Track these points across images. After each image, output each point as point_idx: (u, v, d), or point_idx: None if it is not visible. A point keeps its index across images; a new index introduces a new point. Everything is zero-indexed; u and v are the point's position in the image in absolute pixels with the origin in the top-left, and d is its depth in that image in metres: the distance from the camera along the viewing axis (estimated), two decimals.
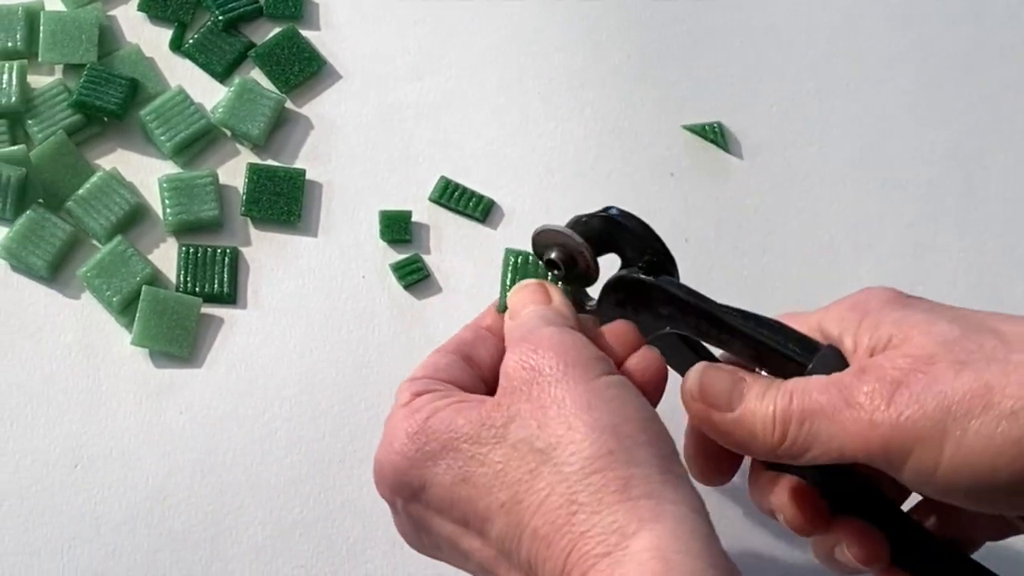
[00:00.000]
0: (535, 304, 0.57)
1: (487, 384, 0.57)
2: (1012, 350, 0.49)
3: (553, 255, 0.59)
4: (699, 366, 0.56)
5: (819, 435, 0.51)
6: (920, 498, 0.59)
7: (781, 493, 0.58)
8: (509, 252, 0.62)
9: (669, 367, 0.57)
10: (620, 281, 0.58)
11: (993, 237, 0.77)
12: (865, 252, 0.75)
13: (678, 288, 0.57)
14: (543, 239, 0.59)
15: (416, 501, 0.53)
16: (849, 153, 0.78)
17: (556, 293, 0.58)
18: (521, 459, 0.50)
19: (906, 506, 0.58)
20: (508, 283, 0.61)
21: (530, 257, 0.61)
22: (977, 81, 0.80)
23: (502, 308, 0.59)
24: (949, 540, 0.58)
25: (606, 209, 0.58)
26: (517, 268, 0.62)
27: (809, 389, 0.52)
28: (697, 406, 0.55)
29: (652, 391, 0.56)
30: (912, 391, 0.49)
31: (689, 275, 0.72)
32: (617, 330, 0.57)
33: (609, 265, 0.59)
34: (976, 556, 0.57)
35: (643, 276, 0.57)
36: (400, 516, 0.55)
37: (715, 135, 0.76)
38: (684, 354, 0.58)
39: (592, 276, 0.59)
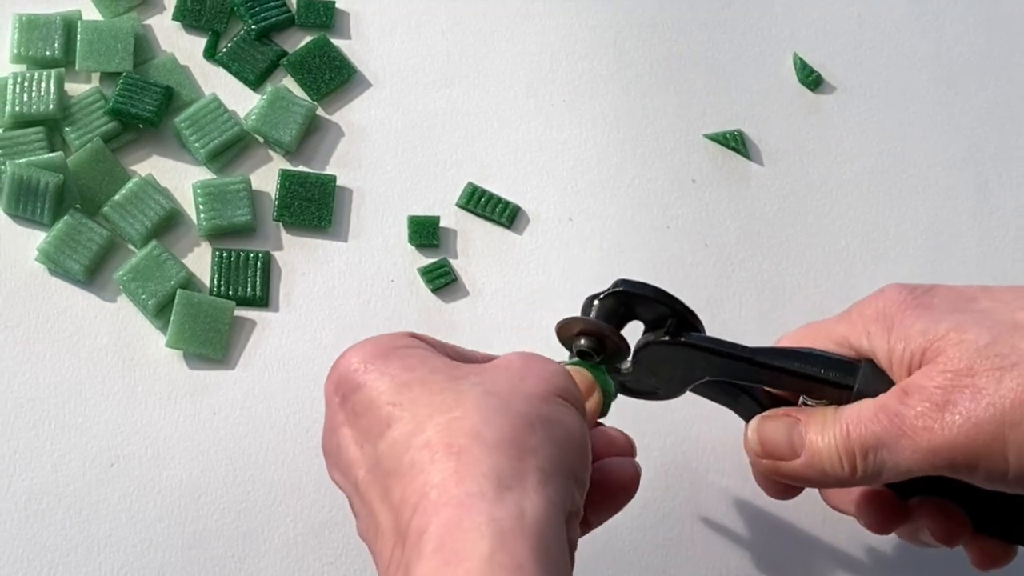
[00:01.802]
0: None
1: None
2: None
3: (583, 344, 0.57)
4: (753, 422, 0.56)
5: (885, 462, 0.51)
6: None
7: (849, 500, 0.58)
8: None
9: (718, 404, 0.58)
10: (647, 346, 0.57)
11: (1008, 243, 0.76)
12: (882, 258, 0.75)
13: (707, 341, 0.56)
14: (567, 331, 0.57)
15: (343, 407, 0.51)
16: (866, 160, 0.77)
17: (595, 398, 0.56)
18: (460, 393, 0.48)
19: None
20: None
21: None
22: (992, 89, 0.80)
23: None
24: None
25: (616, 285, 0.57)
26: None
27: (862, 419, 0.52)
28: (764, 463, 0.55)
29: (620, 494, 0.54)
30: (961, 409, 0.49)
31: (710, 278, 0.72)
32: (614, 434, 0.56)
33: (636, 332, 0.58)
34: None
35: (668, 339, 0.56)
36: (328, 423, 0.53)
37: (736, 143, 0.76)
38: (729, 390, 0.58)
39: (624, 353, 0.58)
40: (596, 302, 0.57)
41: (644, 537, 0.67)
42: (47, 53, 0.72)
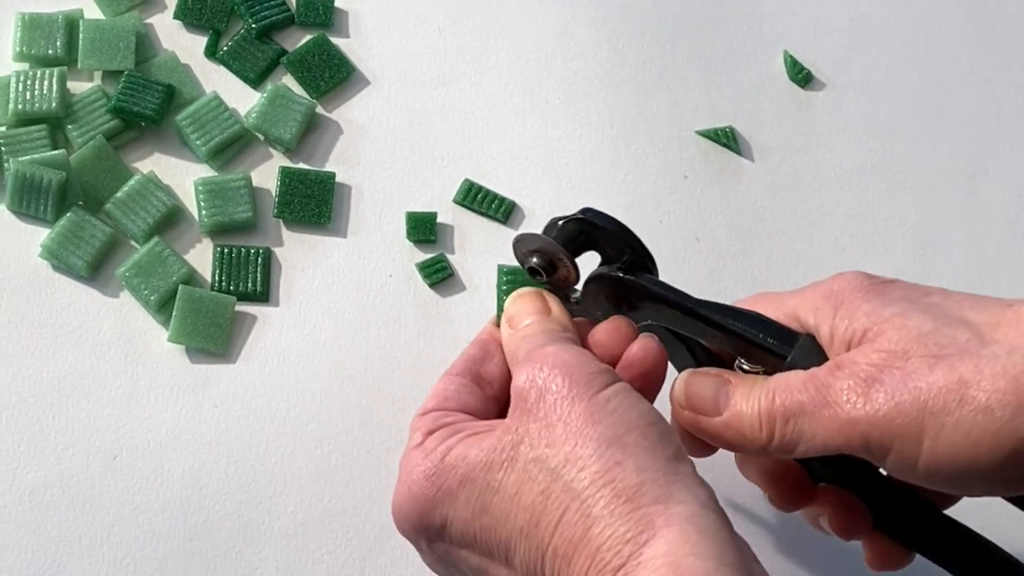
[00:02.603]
0: (535, 315, 0.56)
1: (498, 402, 0.56)
2: (984, 343, 0.48)
3: (534, 261, 0.57)
4: (684, 374, 0.56)
5: (803, 432, 0.51)
6: None
7: (762, 470, 0.58)
8: (501, 269, 0.60)
9: None
10: (599, 278, 0.57)
11: (994, 237, 0.77)
12: (870, 251, 0.75)
13: (656, 285, 0.56)
14: (522, 246, 0.58)
15: (440, 539, 0.52)
16: (855, 156, 0.77)
17: (554, 303, 0.57)
18: (533, 480, 0.49)
19: None
20: (502, 297, 0.60)
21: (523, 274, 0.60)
22: (979, 85, 0.80)
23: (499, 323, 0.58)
24: (927, 500, 0.57)
25: (581, 211, 0.57)
26: (510, 283, 0.61)
27: (790, 387, 0.51)
28: (686, 414, 0.55)
29: (654, 379, 0.55)
30: (887, 388, 0.49)
31: (701, 272, 0.73)
32: (611, 327, 0.56)
33: (591, 262, 0.58)
34: (952, 512, 0.57)
35: (620, 274, 0.56)
36: (427, 555, 0.55)
37: (728, 139, 0.76)
38: (668, 339, 0.57)
39: (572, 280, 0.58)
40: (558, 224, 0.57)
41: None
42: (49, 52, 0.71)
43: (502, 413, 0.54)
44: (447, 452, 0.52)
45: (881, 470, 0.57)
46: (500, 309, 0.60)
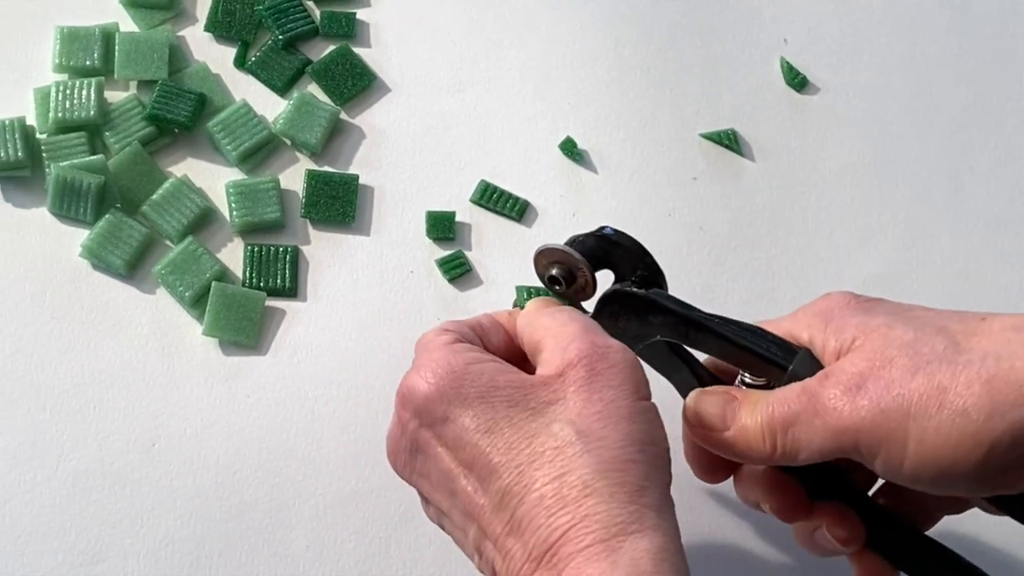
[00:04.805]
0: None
1: None
2: (960, 351, 0.49)
3: (554, 272, 0.58)
4: (693, 394, 0.56)
5: (800, 440, 0.51)
6: (882, 481, 0.59)
7: (763, 486, 0.58)
8: (520, 289, 0.60)
9: (656, 371, 0.58)
10: (615, 294, 0.57)
11: (979, 231, 0.77)
12: (862, 246, 0.75)
13: (667, 299, 0.56)
14: (544, 257, 0.58)
15: (429, 429, 0.52)
16: (848, 155, 0.77)
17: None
18: (553, 436, 0.49)
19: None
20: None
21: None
22: (965, 88, 0.80)
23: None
24: (911, 521, 0.58)
25: (600, 229, 0.58)
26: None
27: (786, 399, 0.52)
28: (697, 431, 0.55)
29: None
30: (871, 395, 0.49)
31: (704, 267, 0.73)
32: None
33: (603, 281, 0.58)
34: (933, 534, 0.58)
35: (635, 289, 0.57)
36: (403, 434, 0.54)
37: (730, 140, 0.76)
38: (672, 361, 0.58)
39: (590, 291, 0.58)
40: (578, 239, 0.57)
41: None
42: (87, 63, 0.72)
43: None
44: (475, 362, 0.52)
45: (870, 486, 0.59)
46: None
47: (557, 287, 0.58)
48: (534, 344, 0.55)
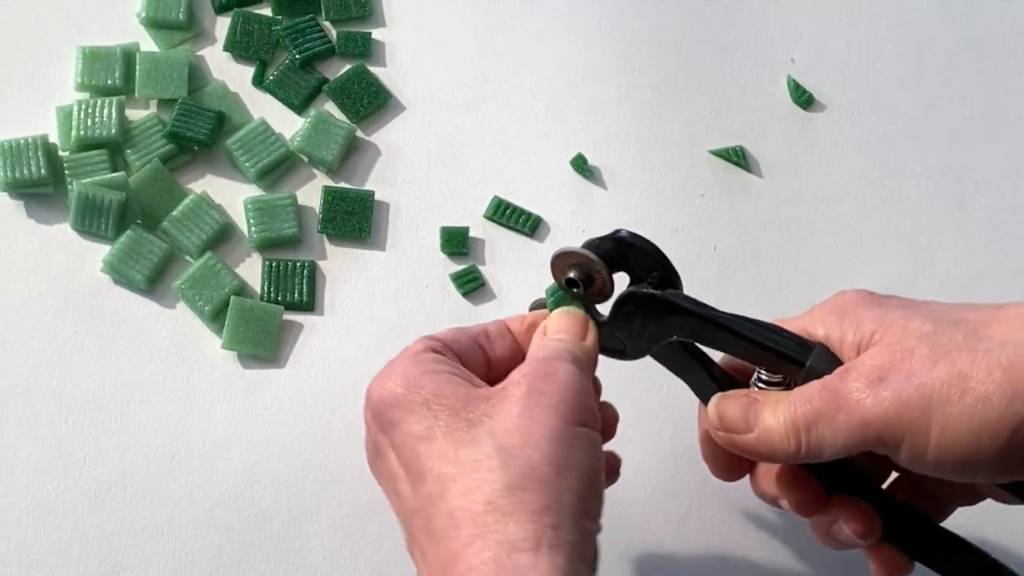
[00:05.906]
0: (572, 336, 0.56)
1: (490, 373, 0.56)
2: (979, 339, 0.49)
3: (572, 274, 0.57)
4: (714, 399, 0.56)
5: (825, 436, 0.51)
6: (896, 474, 0.59)
7: (780, 482, 0.58)
8: (551, 290, 0.59)
9: (671, 372, 0.58)
10: (631, 296, 0.57)
11: (982, 244, 0.77)
12: (868, 259, 0.75)
13: (684, 299, 0.56)
14: (562, 260, 0.57)
15: (383, 433, 0.53)
16: (854, 171, 0.78)
17: (592, 335, 0.56)
18: (477, 448, 0.49)
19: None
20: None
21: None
22: (967, 106, 0.80)
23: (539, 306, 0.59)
24: (925, 512, 0.58)
25: (617, 231, 0.57)
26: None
27: (808, 397, 0.52)
28: (721, 434, 0.55)
29: (608, 432, 0.57)
30: (893, 386, 0.49)
31: (714, 279, 0.73)
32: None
33: (618, 284, 0.58)
34: (947, 525, 0.58)
35: (652, 291, 0.56)
36: (368, 437, 0.55)
37: (738, 157, 0.76)
38: (687, 361, 0.58)
39: (608, 292, 0.58)
40: (595, 242, 0.57)
41: (656, 513, 0.68)
42: (108, 82, 0.72)
43: (489, 383, 0.54)
44: (430, 372, 0.52)
45: (884, 479, 0.59)
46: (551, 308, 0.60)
47: (575, 289, 0.58)
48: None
